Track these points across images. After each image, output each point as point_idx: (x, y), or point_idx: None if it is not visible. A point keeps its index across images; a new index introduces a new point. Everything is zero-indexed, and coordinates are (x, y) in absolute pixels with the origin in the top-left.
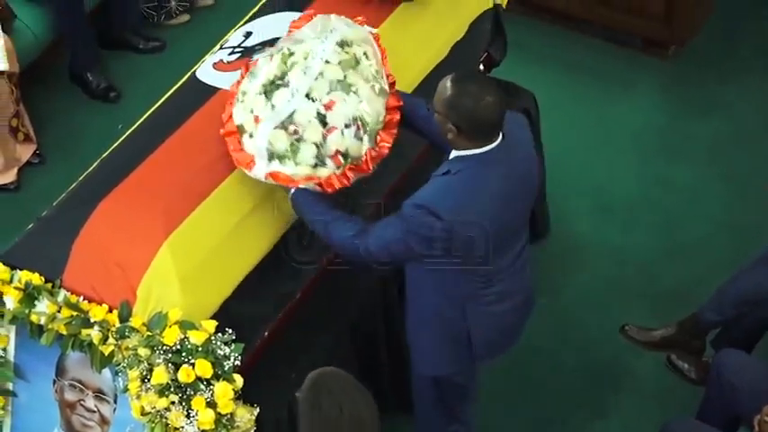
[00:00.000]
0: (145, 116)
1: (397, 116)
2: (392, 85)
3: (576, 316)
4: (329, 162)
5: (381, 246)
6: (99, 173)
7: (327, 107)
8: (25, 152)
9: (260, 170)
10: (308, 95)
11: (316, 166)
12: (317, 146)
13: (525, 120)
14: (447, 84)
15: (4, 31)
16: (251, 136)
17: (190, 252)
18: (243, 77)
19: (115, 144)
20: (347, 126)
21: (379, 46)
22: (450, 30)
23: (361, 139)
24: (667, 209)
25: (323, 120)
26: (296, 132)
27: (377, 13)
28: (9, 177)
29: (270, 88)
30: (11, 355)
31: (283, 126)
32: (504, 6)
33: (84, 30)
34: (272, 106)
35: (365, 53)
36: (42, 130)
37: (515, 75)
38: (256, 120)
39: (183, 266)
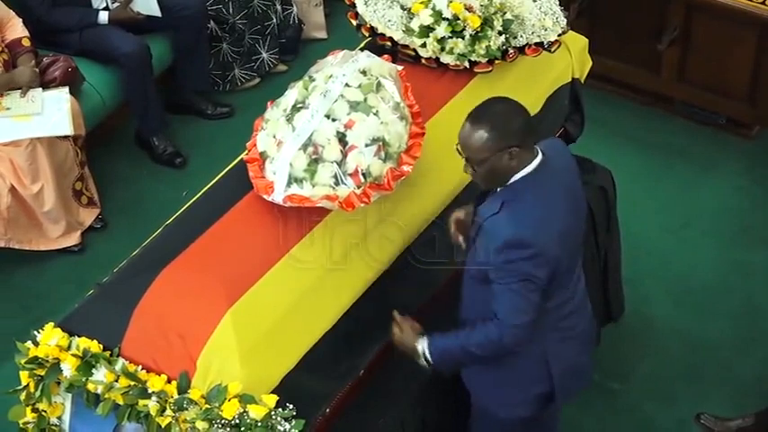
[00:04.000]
0: (210, 184)
1: (420, 142)
2: (416, 114)
3: (648, 403)
4: (349, 180)
5: (514, 314)
6: (161, 240)
7: (348, 126)
8: (89, 216)
9: (278, 195)
10: (328, 116)
11: (335, 185)
12: (336, 164)
13: (560, 141)
14: (477, 126)
15: (72, 93)
16: (272, 161)
17: (252, 324)
18: (268, 107)
19: (179, 211)
20: (367, 145)
21: (402, 80)
22: (526, 103)
23: (382, 159)
24: (747, 295)
25: (343, 138)
26: (316, 153)
27: (451, 84)
28: (72, 240)
29: (291, 113)
30: (66, 425)
31: (304, 148)
32: (582, 81)
33: (151, 94)
34: (293, 128)
35: (387, 81)
36: (106, 194)
37: (592, 152)
38: (278, 144)
39: (244, 339)
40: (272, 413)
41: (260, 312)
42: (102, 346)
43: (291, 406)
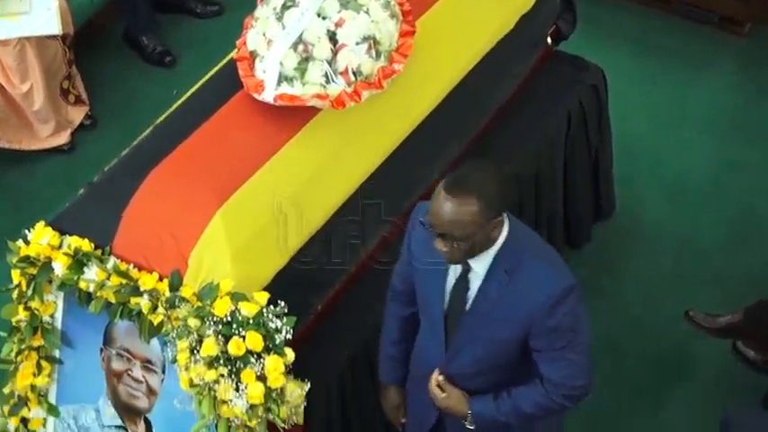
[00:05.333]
0: (200, 83)
1: (411, 41)
2: (407, 12)
3: (639, 301)
4: (339, 79)
5: (587, 369)
6: (151, 140)
7: (338, 24)
8: (77, 114)
9: (269, 94)
10: (318, 14)
11: (326, 83)
12: (327, 63)
13: None
14: (462, 197)
15: None
16: (262, 60)
17: (243, 222)
18: (258, 5)
19: (169, 110)
20: (358, 43)
21: None
22: (517, 1)
23: (373, 58)
24: (740, 194)
25: (333, 37)
26: (306, 51)
27: None
28: (62, 139)
29: (281, 11)
30: (58, 323)
31: (294, 47)
32: None
33: None
34: (283, 26)
35: None
36: (95, 93)
37: (584, 50)
38: (269, 43)
39: (235, 237)
40: (264, 310)
41: (251, 210)
42: (93, 245)
43: (283, 303)
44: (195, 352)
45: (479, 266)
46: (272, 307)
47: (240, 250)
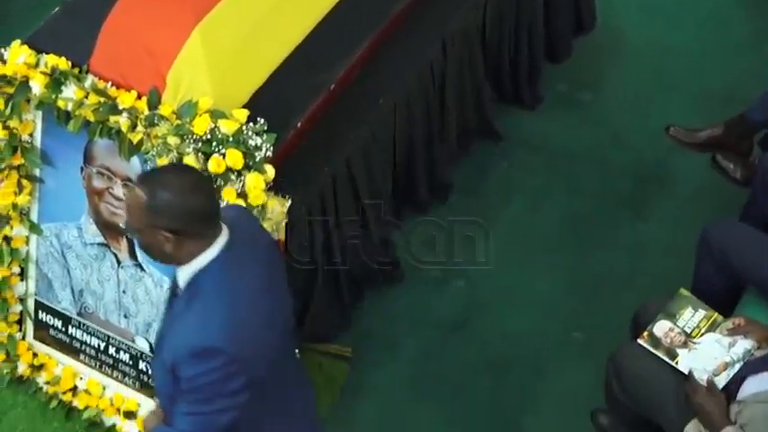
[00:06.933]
0: None
1: None
2: None
3: (620, 114)
4: None
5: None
6: None
7: None
8: None
9: None
10: None
11: None
12: None
13: (246, 210)
14: (136, 190)
15: None
16: None
17: (221, 38)
18: None
19: None
20: None
21: None
22: None
23: None
24: (717, 7)
25: None
26: None
27: None
28: None
29: None
30: (38, 141)
31: None
32: None
33: None
34: None
35: None
36: None
37: None
38: None
39: (213, 54)
40: (244, 128)
41: (229, 26)
42: (70, 63)
43: (263, 121)
44: None
45: (180, 279)
46: (251, 124)
47: (219, 68)
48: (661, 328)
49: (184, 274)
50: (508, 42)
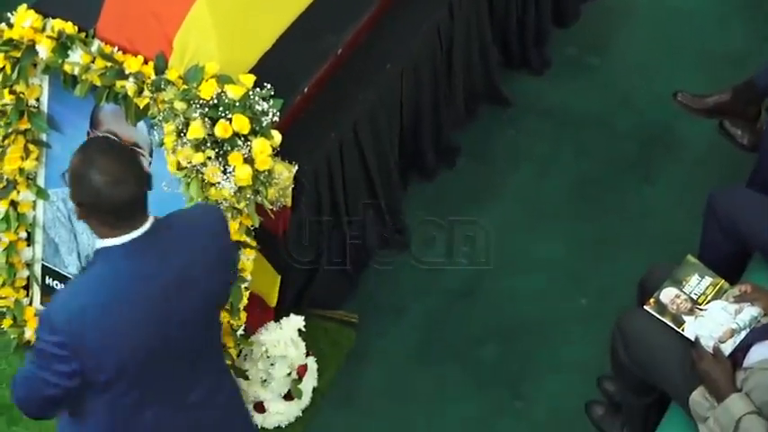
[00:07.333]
0: None
1: None
2: None
3: (628, 78)
4: None
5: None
6: None
7: None
8: None
9: None
10: None
11: None
12: None
13: (219, 211)
14: (78, 153)
15: None
16: None
17: (227, 3)
18: None
19: None
20: None
21: None
22: None
23: None
24: None
25: None
26: None
27: None
28: None
29: None
30: (44, 106)
31: None
32: None
33: None
34: None
35: None
36: None
37: None
38: None
39: (220, 18)
40: (250, 93)
41: None
42: (77, 28)
43: (269, 86)
44: (182, 135)
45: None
46: (258, 89)
47: (226, 32)
48: (667, 294)
49: (99, 243)
50: (515, 3)
